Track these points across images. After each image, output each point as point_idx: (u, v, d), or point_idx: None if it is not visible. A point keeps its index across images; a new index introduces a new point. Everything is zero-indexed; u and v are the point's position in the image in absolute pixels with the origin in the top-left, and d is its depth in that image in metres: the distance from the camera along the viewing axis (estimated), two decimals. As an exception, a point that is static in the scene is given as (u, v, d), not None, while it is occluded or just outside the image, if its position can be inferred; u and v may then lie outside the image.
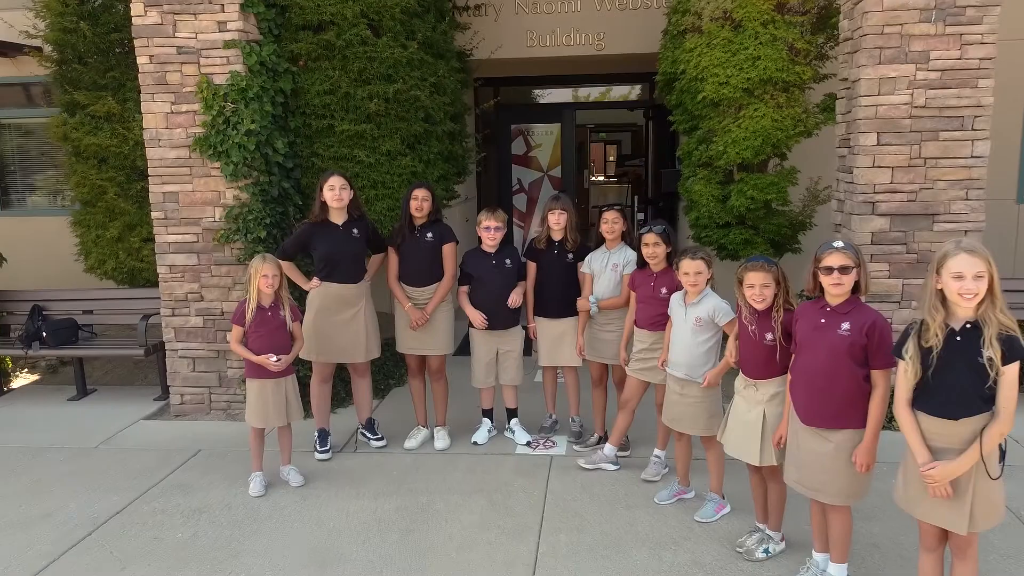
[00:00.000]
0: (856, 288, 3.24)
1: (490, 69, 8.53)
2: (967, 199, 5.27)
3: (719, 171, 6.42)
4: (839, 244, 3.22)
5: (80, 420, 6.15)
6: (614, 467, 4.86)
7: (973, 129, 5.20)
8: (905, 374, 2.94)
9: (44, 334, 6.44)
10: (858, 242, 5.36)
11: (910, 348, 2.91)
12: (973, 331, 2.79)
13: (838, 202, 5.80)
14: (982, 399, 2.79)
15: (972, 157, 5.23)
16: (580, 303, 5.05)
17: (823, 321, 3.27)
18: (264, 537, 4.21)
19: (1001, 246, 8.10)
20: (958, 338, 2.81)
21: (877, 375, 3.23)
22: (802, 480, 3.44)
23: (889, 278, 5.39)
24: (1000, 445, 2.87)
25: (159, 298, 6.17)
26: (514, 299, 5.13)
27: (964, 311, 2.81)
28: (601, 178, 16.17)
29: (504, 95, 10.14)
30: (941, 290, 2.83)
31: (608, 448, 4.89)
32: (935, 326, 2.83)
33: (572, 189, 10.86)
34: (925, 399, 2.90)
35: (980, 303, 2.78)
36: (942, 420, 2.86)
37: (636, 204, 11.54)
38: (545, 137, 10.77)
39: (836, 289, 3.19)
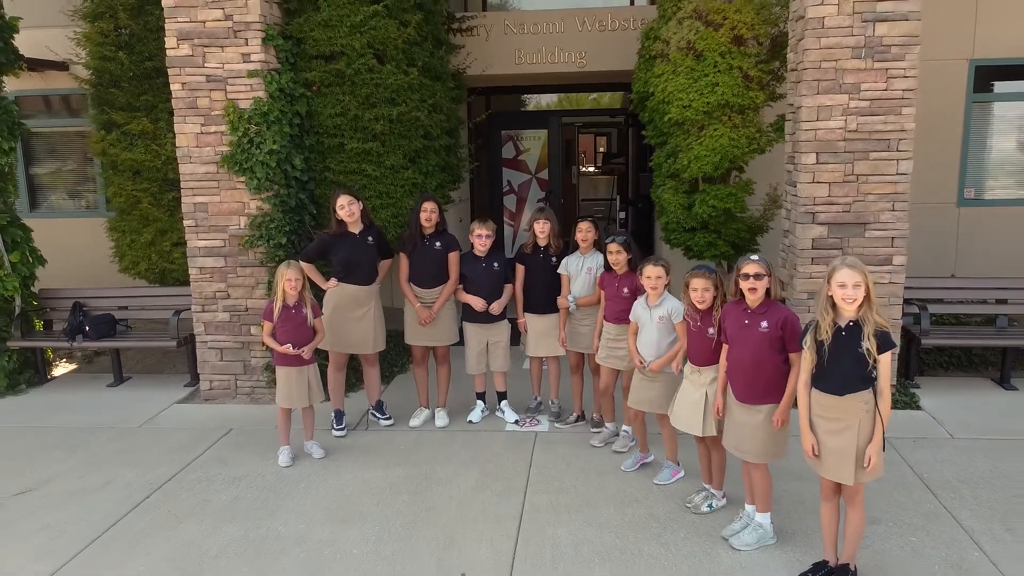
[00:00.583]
0: (769, 293, 4.05)
1: (482, 81, 9.28)
2: (893, 210, 6.08)
3: (685, 182, 7.22)
4: (755, 257, 4.03)
5: (121, 404, 6.93)
6: (630, 441, 5.60)
7: (898, 150, 6.00)
8: (804, 361, 3.76)
9: (87, 328, 7.21)
10: (800, 247, 6.19)
11: (808, 340, 3.73)
12: (855, 328, 3.61)
13: (786, 211, 6.62)
14: (861, 380, 3.61)
15: (897, 174, 6.04)
16: (560, 301, 5.85)
17: (746, 321, 4.09)
18: (295, 499, 5.02)
19: (944, 244, 8.98)
20: (843, 333, 3.63)
21: (794, 357, 4.03)
22: (737, 445, 4.26)
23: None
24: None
25: (189, 295, 6.96)
26: (495, 308, 5.93)
27: (847, 313, 3.62)
28: (592, 169, 16.98)
29: (494, 103, 10.91)
30: (831, 296, 3.65)
31: (611, 426, 5.69)
32: (825, 324, 3.65)
33: (559, 188, 11.65)
34: (820, 380, 3.72)
35: (860, 306, 3.59)
36: (832, 396, 3.68)
37: (619, 201, 12.33)
38: (533, 142, 11.53)
39: (752, 294, 4.00)
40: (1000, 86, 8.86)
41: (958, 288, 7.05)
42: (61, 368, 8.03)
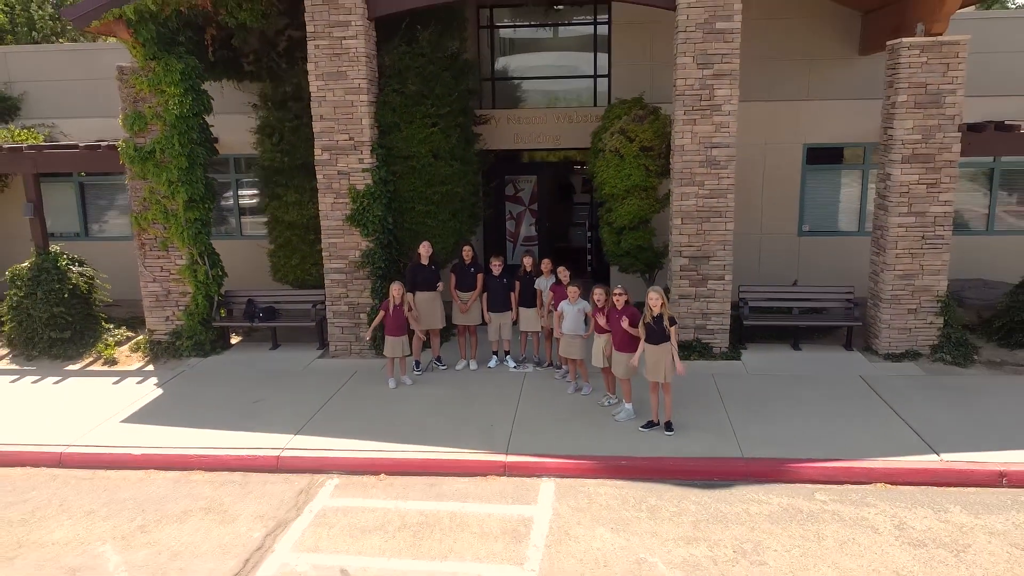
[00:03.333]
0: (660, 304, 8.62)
1: (493, 150, 13.75)
2: (724, 250, 10.64)
3: (615, 228, 11.77)
4: (656, 287, 8.54)
5: (282, 360, 11.52)
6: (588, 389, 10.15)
7: (725, 217, 10.56)
8: (641, 330, 8.37)
9: (260, 314, 11.80)
10: (675, 269, 10.75)
11: (641, 322, 8.33)
12: (659, 317, 8.21)
13: (670, 250, 11.16)
14: (664, 338, 8.21)
15: (725, 230, 10.60)
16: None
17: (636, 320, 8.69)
18: (401, 404, 9.63)
19: (787, 266, 13.53)
20: (655, 319, 8.23)
21: (671, 331, 8.54)
22: (616, 370, 8.85)
23: (690, 286, 10.78)
24: (673, 352, 8.28)
25: (321, 295, 11.54)
26: (487, 317, 10.51)
27: (656, 310, 8.21)
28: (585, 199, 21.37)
29: (501, 158, 15.39)
30: (649, 303, 8.24)
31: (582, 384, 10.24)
32: (647, 315, 8.25)
33: (544, 215, 16.17)
34: (648, 338, 8.33)
35: (661, 306, 8.19)
36: (652, 345, 8.29)
37: (587, 226, 16.77)
38: (526, 183, 16.06)
39: (653, 303, 8.44)
40: (821, 159, 13.40)
41: (773, 289, 11.64)
42: (234, 340, 12.62)
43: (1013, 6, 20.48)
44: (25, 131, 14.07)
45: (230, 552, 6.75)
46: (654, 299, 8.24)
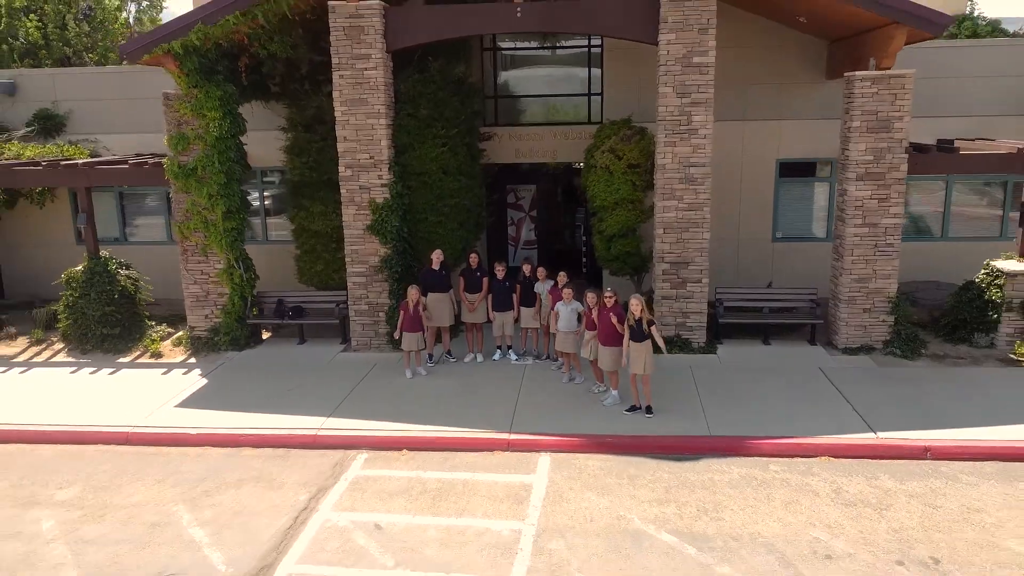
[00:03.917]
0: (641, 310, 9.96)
1: (496, 163, 15.09)
2: (701, 256, 11.99)
3: (606, 235, 13.11)
4: (637, 295, 9.89)
5: (309, 353, 12.88)
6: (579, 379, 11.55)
7: (702, 227, 11.91)
8: (626, 328, 9.73)
9: (289, 312, 13.16)
10: (657, 274, 12.09)
11: (625, 323, 9.69)
12: (639, 320, 9.56)
13: (653, 256, 12.51)
14: (643, 336, 9.57)
15: (702, 239, 11.95)
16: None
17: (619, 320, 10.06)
18: (417, 391, 10.98)
19: (763, 268, 14.88)
20: (636, 322, 9.59)
21: (651, 331, 9.91)
22: (604, 363, 10.22)
23: (671, 288, 12.14)
24: (656, 345, 9.64)
25: (344, 295, 12.90)
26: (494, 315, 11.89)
27: (637, 314, 9.57)
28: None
29: (502, 168, 16.72)
30: (631, 308, 9.60)
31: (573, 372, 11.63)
32: (631, 319, 9.61)
33: (544, 218, 17.50)
34: (631, 337, 9.69)
35: (641, 311, 9.55)
36: (634, 343, 9.65)
37: (582, 229, 18.11)
38: (526, 191, 17.41)
39: (636, 308, 9.76)
40: (793, 172, 14.74)
41: (746, 290, 12.99)
42: (266, 335, 13.98)
43: (983, 21, 21.70)
44: (72, 147, 15.43)
45: (281, 511, 8.13)
46: (635, 305, 9.60)
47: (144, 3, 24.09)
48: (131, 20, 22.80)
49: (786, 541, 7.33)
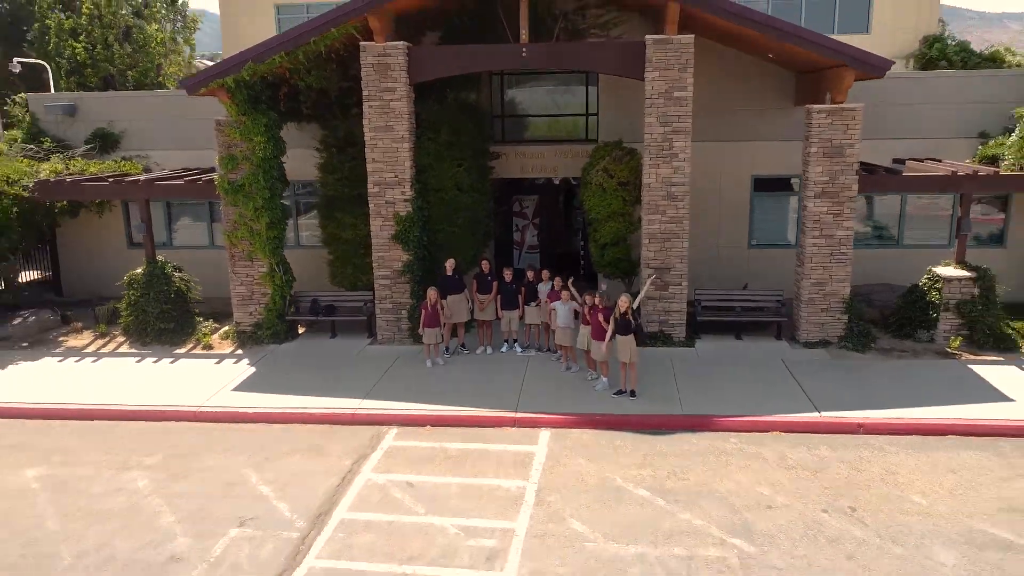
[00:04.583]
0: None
1: (503, 177, 16.88)
2: (681, 263, 13.78)
3: (599, 243, 14.90)
4: (626, 294, 11.71)
5: (341, 347, 14.69)
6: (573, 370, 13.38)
7: (680, 237, 13.70)
8: (612, 324, 11.54)
9: (323, 310, 15.00)
10: (643, 278, 13.88)
11: (612, 317, 11.51)
12: (626, 314, 11.37)
13: (642, 262, 14.30)
14: (629, 331, 11.38)
15: (682, 247, 13.74)
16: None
17: (605, 315, 11.87)
18: (434, 377, 12.81)
19: (740, 272, 16.66)
20: (622, 316, 11.39)
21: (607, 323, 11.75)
22: (596, 354, 12.03)
23: (655, 290, 13.93)
24: (638, 335, 11.45)
25: (370, 295, 14.72)
26: (503, 313, 13.72)
27: (622, 310, 11.38)
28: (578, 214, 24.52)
29: (508, 182, 18.51)
30: (619, 305, 11.41)
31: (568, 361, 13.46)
32: (617, 313, 11.42)
33: (546, 225, 19.30)
34: (617, 330, 11.49)
35: (627, 309, 11.35)
36: (621, 336, 11.45)
37: (581, 235, 19.90)
38: (530, 202, 19.21)
39: (622, 306, 11.59)
40: (766, 187, 16.50)
41: (720, 292, 14.79)
42: (301, 330, 15.81)
43: (952, 42, 23.36)
44: (127, 162, 17.27)
45: (331, 473, 9.97)
46: (623, 302, 11.41)
47: (179, 24, 25.95)
48: (166, 40, 24.65)
49: (737, 495, 9.14)
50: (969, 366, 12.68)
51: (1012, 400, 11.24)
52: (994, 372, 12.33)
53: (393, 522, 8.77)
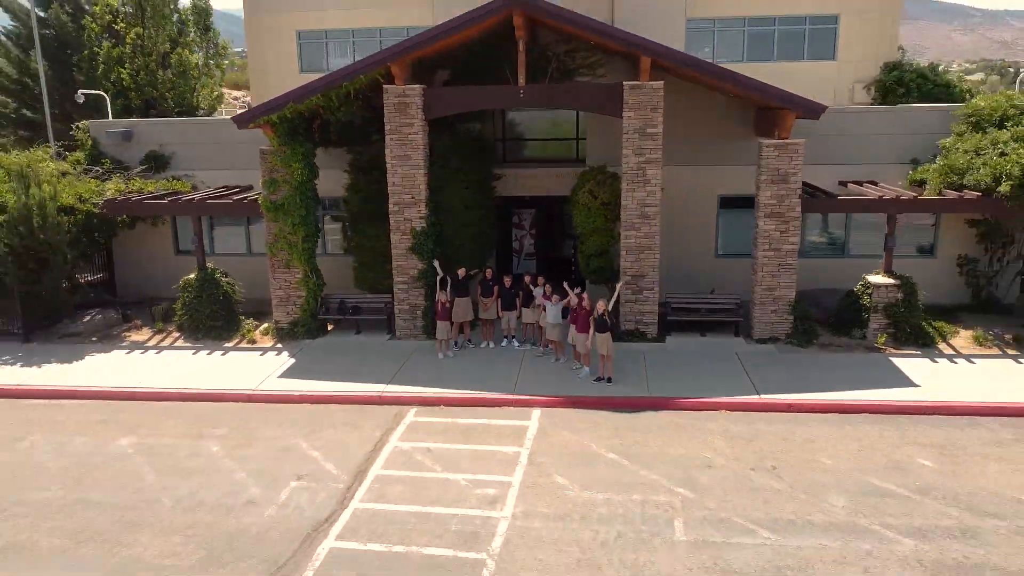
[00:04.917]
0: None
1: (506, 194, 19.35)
2: (653, 271, 16.27)
3: (585, 254, 17.38)
4: (603, 299, 14.18)
5: (364, 341, 17.17)
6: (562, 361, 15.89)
7: (653, 251, 16.17)
8: (592, 322, 14.03)
9: (350, 310, 17.50)
10: (623, 283, 16.37)
11: (592, 317, 13.99)
12: (604, 314, 13.86)
13: (620, 272, 16.77)
14: (606, 328, 13.86)
15: (654, 258, 16.21)
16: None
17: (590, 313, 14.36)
18: (445, 367, 15.29)
19: (709, 278, 19.12)
20: (598, 315, 13.88)
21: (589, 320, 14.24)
22: (581, 346, 14.52)
23: (632, 294, 16.41)
24: (613, 332, 13.94)
25: (390, 297, 17.22)
26: (504, 314, 16.23)
27: (599, 311, 13.86)
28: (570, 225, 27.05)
29: (508, 198, 20.98)
30: (597, 307, 13.89)
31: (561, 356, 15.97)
32: (596, 314, 13.91)
33: (541, 236, 21.77)
34: (596, 328, 13.98)
35: (603, 310, 13.84)
36: (599, 333, 13.93)
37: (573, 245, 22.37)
38: (527, 215, 21.70)
39: (600, 307, 14.07)
40: (731, 204, 18.95)
41: (688, 296, 17.26)
42: (330, 327, 18.30)
43: (910, 68, 25.80)
44: (177, 181, 19.76)
45: (365, 442, 12.47)
46: (600, 305, 13.91)
47: (211, 51, 28.46)
48: (200, 64, 27.13)
49: (686, 458, 11.64)
50: (890, 359, 15.18)
51: (918, 386, 13.73)
52: (909, 364, 14.83)
53: (417, 477, 11.28)
